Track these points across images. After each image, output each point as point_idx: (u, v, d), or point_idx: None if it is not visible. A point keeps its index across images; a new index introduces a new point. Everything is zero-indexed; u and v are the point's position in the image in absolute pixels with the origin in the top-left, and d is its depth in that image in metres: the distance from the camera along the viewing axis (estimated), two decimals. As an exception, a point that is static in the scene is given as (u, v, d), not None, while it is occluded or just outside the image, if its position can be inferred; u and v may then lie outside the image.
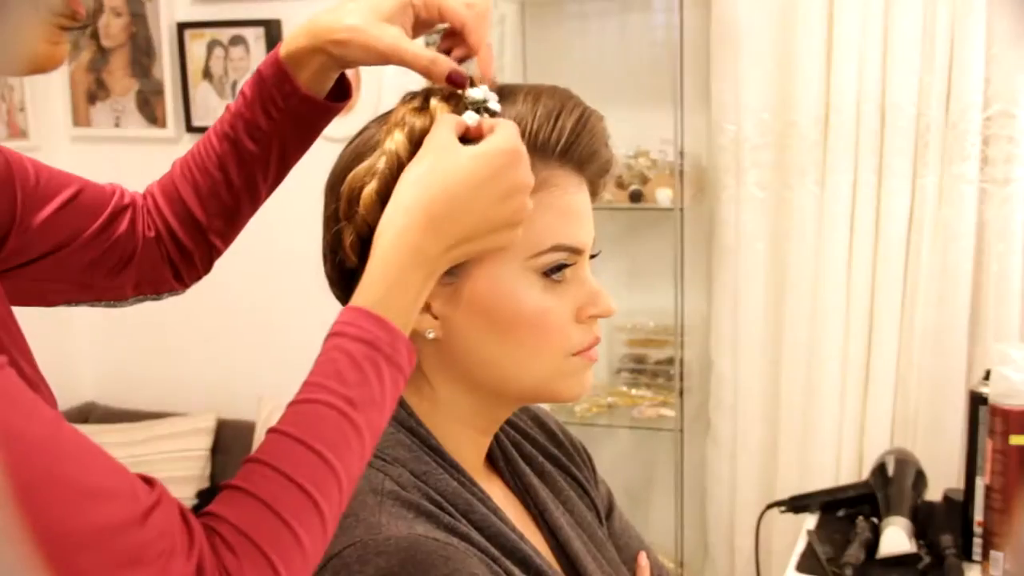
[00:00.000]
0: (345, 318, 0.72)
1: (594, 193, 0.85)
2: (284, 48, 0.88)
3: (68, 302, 0.98)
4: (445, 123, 0.75)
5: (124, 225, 0.97)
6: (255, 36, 2.59)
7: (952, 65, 1.94)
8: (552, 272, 0.79)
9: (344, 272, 0.82)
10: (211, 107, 2.68)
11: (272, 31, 2.57)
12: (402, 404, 0.82)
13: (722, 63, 2.14)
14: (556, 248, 0.79)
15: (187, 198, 0.98)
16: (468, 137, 0.75)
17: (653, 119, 2.25)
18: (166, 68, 2.69)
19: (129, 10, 2.71)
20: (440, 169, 0.73)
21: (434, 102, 0.78)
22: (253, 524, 0.63)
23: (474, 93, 0.77)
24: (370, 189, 0.77)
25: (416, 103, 0.80)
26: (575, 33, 2.38)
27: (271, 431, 0.68)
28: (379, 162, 0.77)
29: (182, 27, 2.66)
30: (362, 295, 0.72)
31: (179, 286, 1.03)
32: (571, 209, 0.80)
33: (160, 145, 2.75)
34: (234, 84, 2.64)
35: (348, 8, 0.84)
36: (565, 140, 0.79)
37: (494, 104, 0.78)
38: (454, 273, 0.77)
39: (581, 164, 0.81)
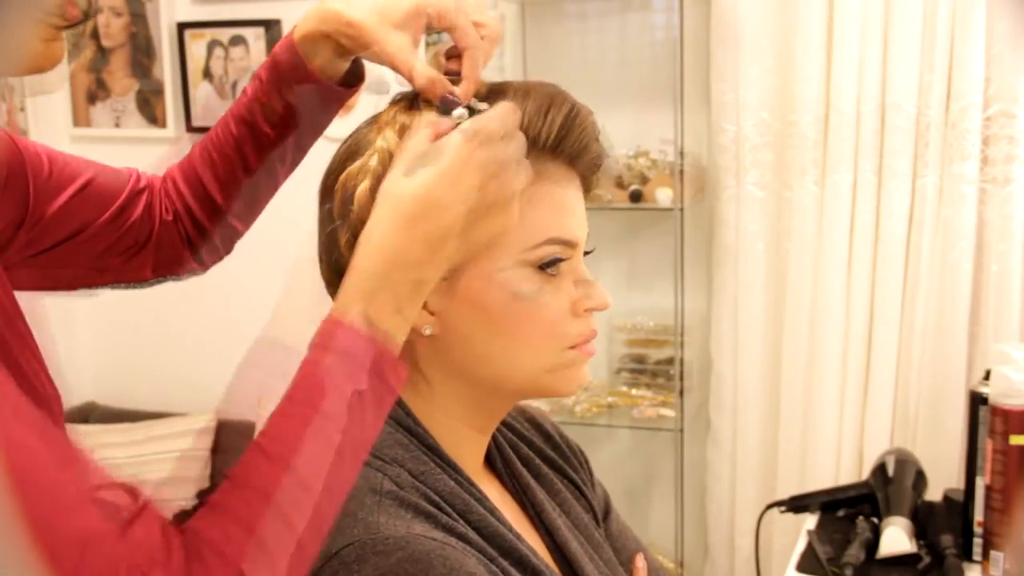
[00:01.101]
0: (324, 330, 0.70)
1: (587, 188, 0.85)
2: (298, 31, 0.88)
3: (88, 286, 0.98)
4: (419, 133, 0.75)
5: (139, 209, 0.97)
6: (255, 36, 2.59)
7: (952, 65, 1.94)
8: (546, 266, 0.79)
9: (340, 273, 0.82)
10: (211, 107, 2.68)
11: (272, 31, 2.57)
12: (399, 403, 0.82)
13: (722, 63, 2.14)
14: (550, 241, 0.79)
15: (206, 180, 0.98)
16: None
17: (653, 119, 2.25)
18: (166, 68, 2.69)
19: (129, 10, 2.71)
20: (410, 173, 0.72)
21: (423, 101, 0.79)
22: (229, 542, 0.63)
23: (456, 112, 0.77)
24: (363, 187, 0.77)
25: (406, 102, 0.80)
26: (575, 33, 2.38)
27: (252, 444, 0.67)
28: (371, 160, 0.78)
29: (182, 27, 2.66)
30: (341, 306, 0.71)
31: (199, 267, 1.03)
32: (564, 203, 0.80)
33: (160, 145, 2.75)
34: (234, 84, 2.64)
35: (365, 3, 0.83)
36: (555, 135, 0.79)
37: (479, 105, 0.78)
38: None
39: (572, 159, 0.81)
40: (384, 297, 0.71)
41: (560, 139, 0.79)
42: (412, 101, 0.80)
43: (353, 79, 0.93)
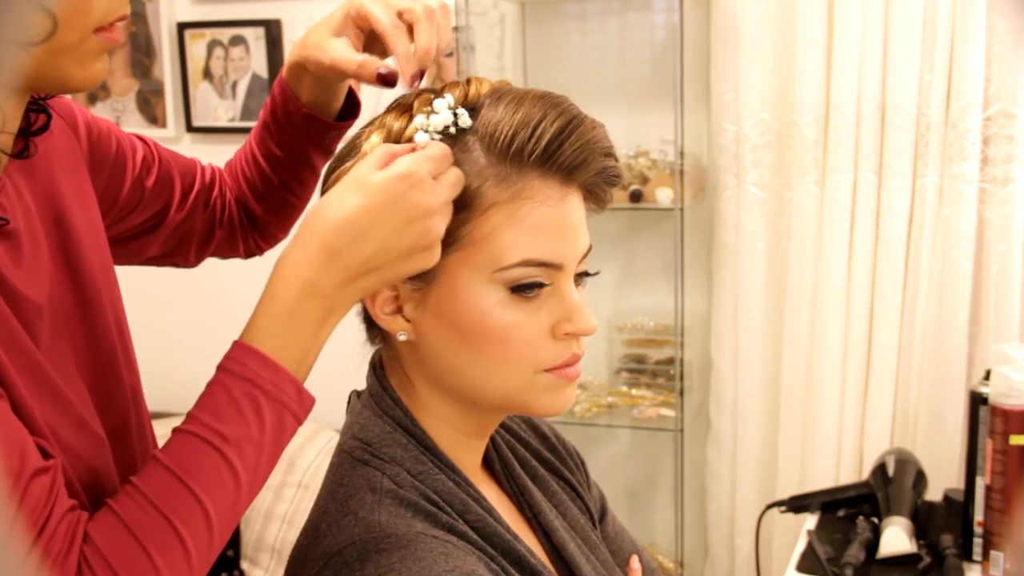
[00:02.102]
0: (230, 353, 0.73)
1: (598, 202, 0.82)
2: (285, 64, 0.95)
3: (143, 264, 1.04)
4: (371, 155, 0.75)
5: (214, 197, 1.05)
6: (255, 36, 2.59)
7: (952, 64, 1.94)
8: (522, 288, 0.77)
9: None
10: (211, 107, 2.68)
11: (272, 31, 2.57)
12: (398, 404, 0.82)
13: (722, 63, 2.14)
14: (524, 263, 0.76)
15: (244, 184, 1.06)
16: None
17: (653, 119, 2.25)
18: (166, 68, 2.69)
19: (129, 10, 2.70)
20: (337, 201, 0.72)
21: (416, 105, 0.79)
22: (115, 548, 0.66)
23: (436, 120, 0.77)
24: None
25: (400, 106, 0.81)
26: (575, 33, 2.38)
27: (154, 458, 0.70)
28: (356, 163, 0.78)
29: (182, 27, 2.66)
30: (250, 330, 0.73)
31: (243, 254, 1.11)
32: (546, 223, 0.77)
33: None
34: (234, 84, 2.64)
35: (315, 24, 0.89)
36: (544, 148, 0.76)
37: (465, 120, 0.77)
38: (423, 278, 0.77)
39: (569, 173, 0.78)
40: (294, 323, 0.72)
41: (550, 153, 0.76)
42: (408, 105, 0.80)
43: (349, 112, 0.99)
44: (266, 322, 0.72)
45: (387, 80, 0.81)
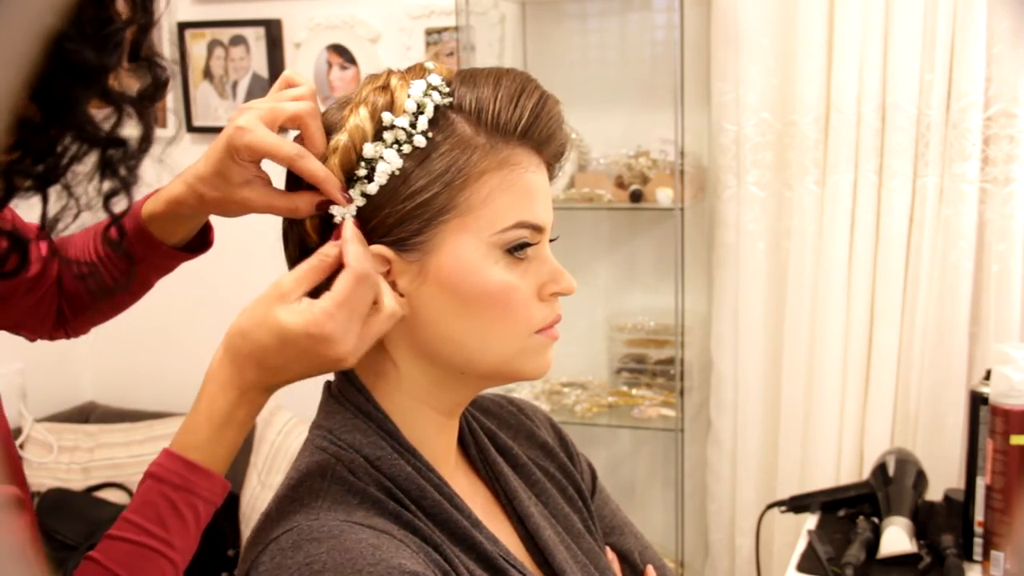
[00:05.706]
0: (166, 464, 0.78)
1: (551, 176, 0.87)
2: (145, 210, 0.95)
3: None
4: (291, 279, 0.78)
5: (54, 272, 1.06)
6: (255, 36, 2.59)
7: (953, 64, 1.94)
8: (515, 250, 0.80)
9: (304, 250, 0.84)
10: (211, 107, 2.68)
11: (272, 31, 2.57)
12: (359, 389, 0.83)
13: (722, 63, 2.14)
14: (519, 225, 0.80)
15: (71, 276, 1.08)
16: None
17: (653, 119, 2.25)
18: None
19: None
20: (256, 334, 0.76)
21: (394, 81, 0.82)
22: None
23: (400, 122, 0.80)
24: (332, 163, 0.80)
25: (379, 82, 0.83)
26: (575, 33, 2.38)
27: (90, 560, 0.75)
28: (342, 137, 0.80)
29: (182, 27, 2.66)
30: (187, 440, 0.79)
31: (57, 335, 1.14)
32: (532, 188, 0.81)
33: (160, 145, 2.74)
34: (234, 84, 2.64)
35: (197, 180, 0.88)
36: (525, 121, 0.81)
37: (419, 139, 0.80)
38: (419, 250, 0.79)
39: (540, 145, 0.83)
40: (228, 431, 0.79)
41: (529, 125, 0.81)
42: (386, 80, 0.82)
43: (200, 243, 1.01)
44: (202, 434, 0.78)
45: (325, 207, 0.82)
